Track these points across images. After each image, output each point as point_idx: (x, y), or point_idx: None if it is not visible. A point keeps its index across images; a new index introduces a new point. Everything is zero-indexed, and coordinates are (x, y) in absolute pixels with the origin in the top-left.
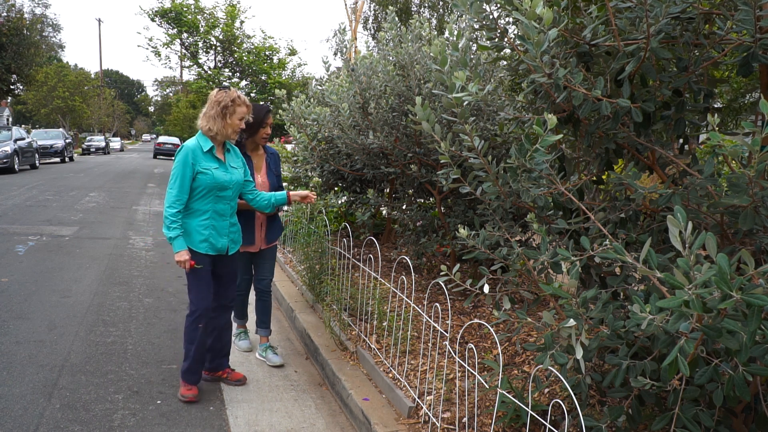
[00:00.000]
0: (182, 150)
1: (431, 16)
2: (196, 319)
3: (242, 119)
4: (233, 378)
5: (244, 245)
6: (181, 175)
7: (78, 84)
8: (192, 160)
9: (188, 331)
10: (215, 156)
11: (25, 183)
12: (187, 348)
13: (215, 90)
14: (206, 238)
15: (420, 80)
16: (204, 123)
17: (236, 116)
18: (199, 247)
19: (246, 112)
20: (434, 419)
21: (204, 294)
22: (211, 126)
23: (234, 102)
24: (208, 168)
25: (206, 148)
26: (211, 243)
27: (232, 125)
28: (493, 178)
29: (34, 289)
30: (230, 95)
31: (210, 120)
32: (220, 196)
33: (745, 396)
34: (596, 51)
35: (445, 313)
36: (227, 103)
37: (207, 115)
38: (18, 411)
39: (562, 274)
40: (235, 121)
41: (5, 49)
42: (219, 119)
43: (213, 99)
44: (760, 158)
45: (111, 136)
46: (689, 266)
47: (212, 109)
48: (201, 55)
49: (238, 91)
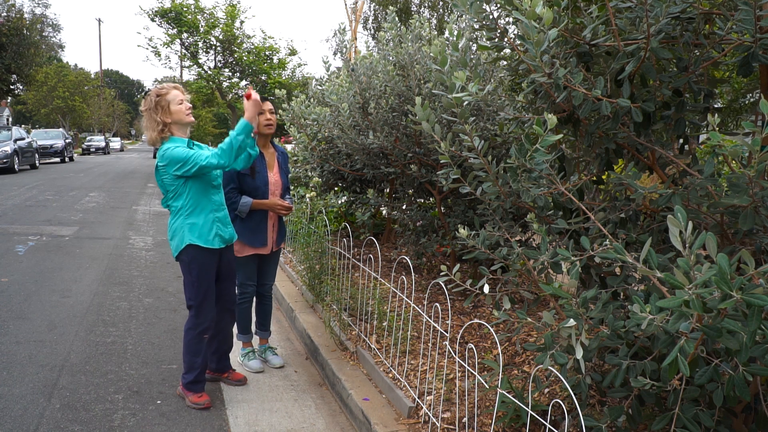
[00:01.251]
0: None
1: (431, 16)
2: (202, 331)
3: (182, 101)
4: (234, 378)
5: (256, 247)
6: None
7: (78, 84)
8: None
9: (192, 344)
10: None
11: (25, 183)
12: (191, 360)
13: (141, 103)
14: (216, 231)
15: (420, 80)
16: (149, 137)
17: (173, 103)
18: (213, 243)
19: (181, 93)
20: (434, 419)
21: (210, 306)
22: (152, 134)
23: (160, 95)
24: None
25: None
26: (220, 236)
27: (176, 114)
28: (493, 178)
29: (34, 289)
30: (152, 94)
31: (149, 131)
32: (214, 186)
33: (745, 396)
34: (596, 51)
35: (445, 313)
36: (153, 103)
37: (146, 128)
38: (18, 411)
39: (562, 274)
40: (175, 107)
41: (5, 49)
42: (154, 123)
43: (143, 111)
44: (760, 158)
45: (111, 136)
46: (689, 266)
47: (146, 120)
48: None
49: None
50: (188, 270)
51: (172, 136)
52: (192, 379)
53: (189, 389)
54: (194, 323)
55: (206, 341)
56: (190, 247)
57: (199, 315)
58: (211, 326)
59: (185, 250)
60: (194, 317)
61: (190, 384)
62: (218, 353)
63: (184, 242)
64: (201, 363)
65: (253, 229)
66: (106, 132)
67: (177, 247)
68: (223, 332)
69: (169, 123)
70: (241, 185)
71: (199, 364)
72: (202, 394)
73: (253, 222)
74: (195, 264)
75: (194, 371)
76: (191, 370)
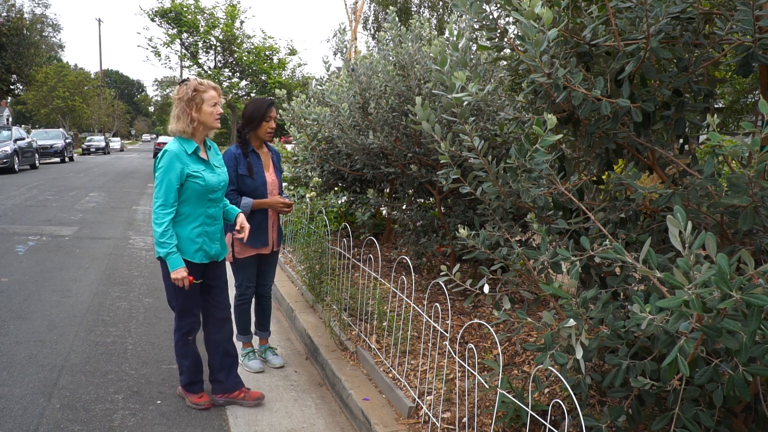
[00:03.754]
0: (165, 155)
1: (431, 16)
2: (184, 334)
3: (216, 104)
4: (251, 398)
5: (257, 247)
6: (167, 182)
7: (78, 84)
8: (180, 165)
9: (178, 347)
10: (200, 157)
11: (25, 183)
12: (180, 363)
13: (176, 87)
14: (200, 246)
15: (420, 80)
16: (173, 126)
17: (207, 104)
18: (194, 257)
19: (216, 95)
20: (434, 419)
21: (190, 308)
22: (179, 126)
23: (197, 90)
24: (197, 171)
25: (190, 150)
26: (205, 251)
27: (205, 115)
28: (493, 178)
29: (34, 289)
30: (190, 86)
31: (176, 120)
32: (211, 200)
33: (745, 396)
34: (596, 51)
35: (445, 313)
36: (189, 95)
37: (173, 117)
38: (18, 411)
39: (562, 274)
40: (207, 109)
41: (5, 49)
42: (185, 116)
43: (174, 98)
44: (760, 158)
45: (111, 136)
46: (689, 266)
47: (176, 108)
48: (201, 55)
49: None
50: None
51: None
52: (187, 381)
53: (187, 390)
54: (177, 325)
55: (192, 343)
56: None
57: (182, 317)
58: (196, 328)
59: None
60: (177, 319)
61: (187, 386)
62: (224, 370)
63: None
64: (189, 365)
65: (255, 230)
66: (106, 132)
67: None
68: (220, 346)
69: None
70: (240, 187)
71: (186, 367)
72: (201, 394)
73: (254, 222)
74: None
75: (184, 374)
76: (181, 373)
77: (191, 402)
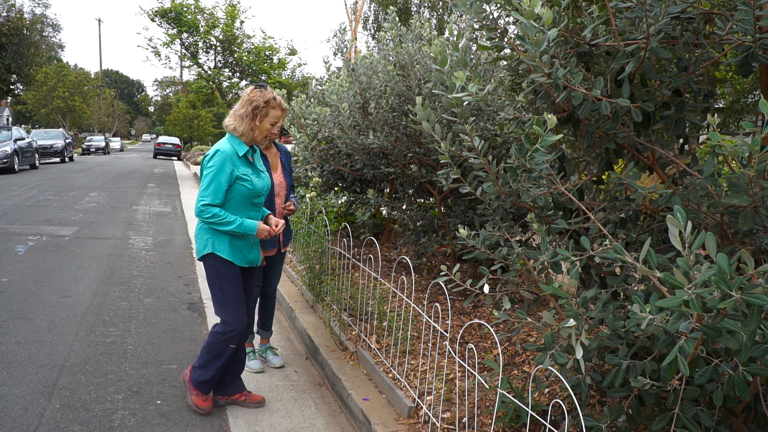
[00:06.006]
0: (217, 155)
1: (431, 16)
2: (230, 338)
3: (275, 124)
4: (252, 401)
5: (267, 249)
6: (216, 183)
7: (78, 84)
8: (231, 166)
9: (215, 346)
10: (249, 160)
11: (25, 183)
12: (207, 359)
13: (250, 87)
14: (240, 249)
15: (420, 80)
16: (231, 122)
17: (268, 119)
18: (236, 259)
19: (280, 116)
20: (434, 419)
21: (241, 311)
22: (238, 126)
23: (268, 103)
24: (246, 174)
25: (242, 153)
26: (244, 255)
27: (261, 129)
28: (493, 178)
29: (34, 289)
30: (265, 95)
31: (238, 119)
32: (254, 204)
33: (745, 396)
34: (596, 51)
35: (445, 313)
36: (260, 103)
37: (236, 114)
38: (18, 411)
39: (562, 274)
40: (266, 124)
41: (5, 49)
42: (248, 120)
43: (245, 97)
44: (760, 158)
45: (111, 136)
46: (689, 266)
47: (242, 108)
48: (201, 55)
49: (276, 92)
50: (216, 275)
51: (234, 138)
52: (204, 378)
53: (197, 387)
54: (223, 329)
55: (231, 350)
56: (212, 256)
57: (229, 320)
58: (239, 336)
59: (209, 257)
60: (224, 322)
61: (200, 383)
62: (231, 374)
63: (207, 249)
64: (219, 368)
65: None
66: (106, 132)
67: (200, 250)
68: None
69: (256, 130)
70: None
71: (216, 367)
72: (207, 398)
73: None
74: (222, 271)
75: (208, 371)
76: (204, 367)
77: (194, 403)
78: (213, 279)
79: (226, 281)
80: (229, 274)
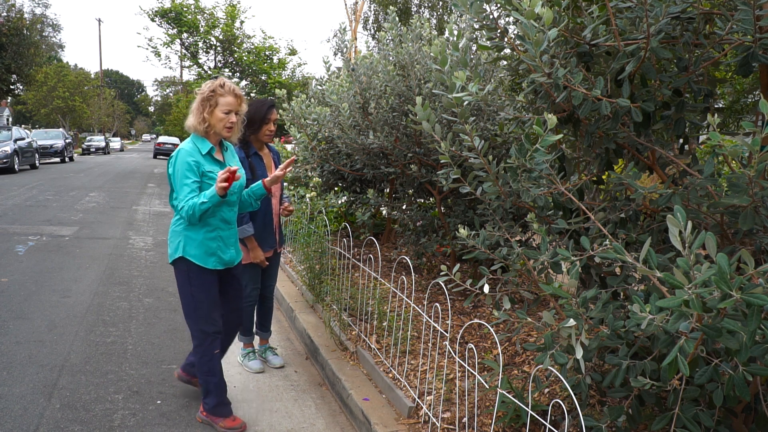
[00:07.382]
0: (179, 154)
1: (431, 16)
2: (209, 347)
3: (229, 112)
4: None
5: (266, 250)
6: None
7: (78, 84)
8: (194, 163)
9: (203, 363)
10: (215, 158)
11: (25, 183)
12: (206, 381)
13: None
14: (214, 251)
15: (420, 80)
16: (188, 120)
17: (220, 108)
18: (208, 263)
19: (234, 103)
20: (434, 419)
21: (214, 317)
22: (192, 123)
23: (215, 92)
24: (212, 171)
25: (205, 150)
26: (219, 257)
27: (214, 119)
28: (493, 178)
29: (34, 289)
30: (212, 85)
31: (192, 116)
32: (227, 202)
33: (745, 396)
34: (596, 51)
35: (445, 313)
36: (206, 93)
37: (191, 110)
38: (18, 411)
39: (562, 274)
40: (218, 114)
41: (5, 49)
42: (197, 113)
43: (197, 91)
44: (760, 158)
45: (111, 136)
46: (689, 266)
47: (194, 102)
48: (201, 55)
49: (229, 80)
50: (188, 280)
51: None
52: (215, 402)
53: (215, 414)
54: (199, 340)
55: (218, 357)
56: (183, 260)
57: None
58: (216, 337)
59: (180, 261)
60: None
61: (214, 408)
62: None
63: (178, 253)
64: (218, 382)
65: (262, 232)
66: (106, 132)
67: (171, 254)
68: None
69: (208, 123)
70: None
71: (214, 384)
72: (234, 417)
73: (261, 225)
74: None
75: (212, 395)
76: (208, 393)
77: (224, 427)
78: (184, 283)
79: (198, 286)
80: (201, 279)
